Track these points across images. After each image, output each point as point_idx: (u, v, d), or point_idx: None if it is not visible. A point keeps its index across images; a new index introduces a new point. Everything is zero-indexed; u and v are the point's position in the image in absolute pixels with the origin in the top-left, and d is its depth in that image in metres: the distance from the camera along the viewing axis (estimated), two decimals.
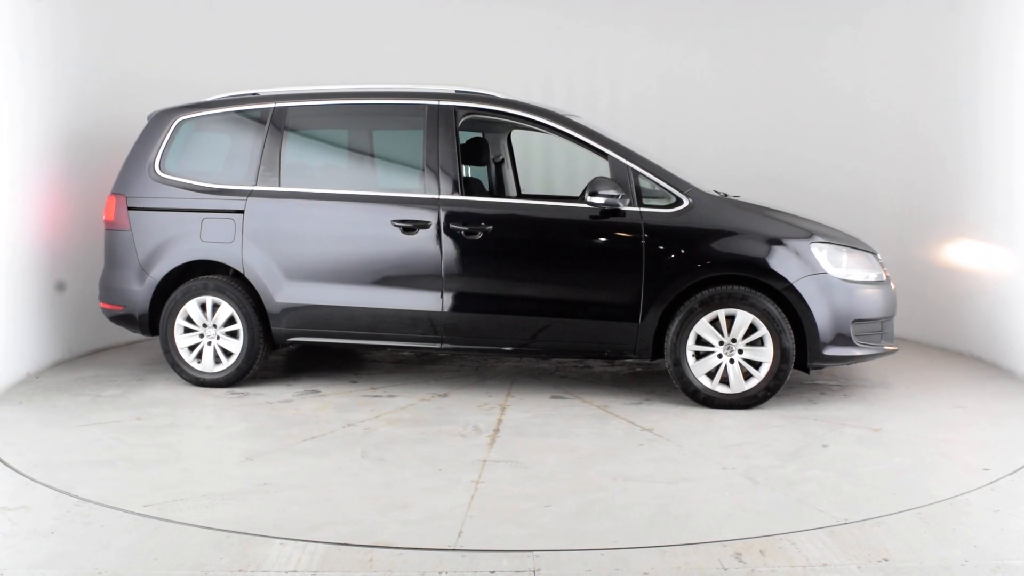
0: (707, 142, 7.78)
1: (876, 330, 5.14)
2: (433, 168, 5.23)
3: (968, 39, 6.41)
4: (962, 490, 3.81)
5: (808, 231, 5.07)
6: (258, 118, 5.52)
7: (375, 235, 5.22)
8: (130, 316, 5.59)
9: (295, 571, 3.02)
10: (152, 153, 5.60)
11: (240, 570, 3.03)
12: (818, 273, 4.95)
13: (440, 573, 3.03)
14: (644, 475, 4.01)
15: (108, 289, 5.66)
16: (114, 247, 5.62)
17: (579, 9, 8.08)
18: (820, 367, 5.16)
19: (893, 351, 5.30)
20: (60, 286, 6.07)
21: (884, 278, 5.22)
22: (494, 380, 5.77)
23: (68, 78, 6.16)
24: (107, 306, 5.68)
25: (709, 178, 5.91)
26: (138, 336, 6.76)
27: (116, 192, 5.64)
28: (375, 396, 5.39)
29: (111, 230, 5.64)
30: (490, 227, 5.14)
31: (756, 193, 6.18)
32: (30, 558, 3.13)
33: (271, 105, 5.52)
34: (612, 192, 5.00)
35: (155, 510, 3.56)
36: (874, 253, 5.26)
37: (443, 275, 5.16)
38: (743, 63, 7.98)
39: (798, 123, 7.84)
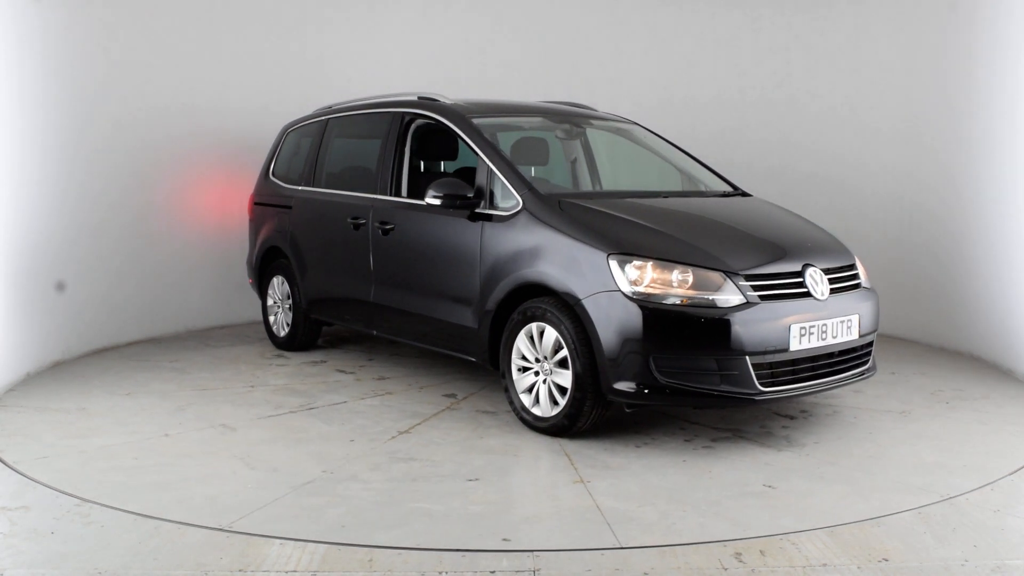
0: (704, 140, 7.78)
1: (708, 368, 4.05)
2: (380, 170, 5.65)
3: (967, 38, 6.42)
4: (962, 490, 3.82)
5: (615, 243, 4.26)
6: (316, 128, 6.44)
7: (342, 231, 5.83)
8: (253, 287, 6.97)
9: (295, 571, 3.03)
10: (271, 159, 6.85)
11: (240, 570, 3.03)
12: (610, 290, 4.15)
13: (440, 573, 3.03)
14: (263, 458, 4.18)
15: (247, 266, 7.07)
16: (249, 234, 7.00)
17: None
18: (630, 404, 4.28)
19: (745, 399, 4.07)
20: (60, 286, 6.07)
21: (743, 302, 4.08)
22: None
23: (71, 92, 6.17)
24: (250, 280, 7.04)
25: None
26: (131, 336, 6.79)
27: (253, 192, 6.94)
28: (342, 372, 5.97)
29: (249, 221, 6.98)
30: (392, 226, 5.42)
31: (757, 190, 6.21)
32: (30, 558, 3.13)
33: (326, 117, 6.40)
34: (444, 192, 4.80)
35: None
36: (732, 272, 4.13)
37: (372, 268, 5.60)
38: (742, 61, 8.00)
39: (796, 123, 7.85)
